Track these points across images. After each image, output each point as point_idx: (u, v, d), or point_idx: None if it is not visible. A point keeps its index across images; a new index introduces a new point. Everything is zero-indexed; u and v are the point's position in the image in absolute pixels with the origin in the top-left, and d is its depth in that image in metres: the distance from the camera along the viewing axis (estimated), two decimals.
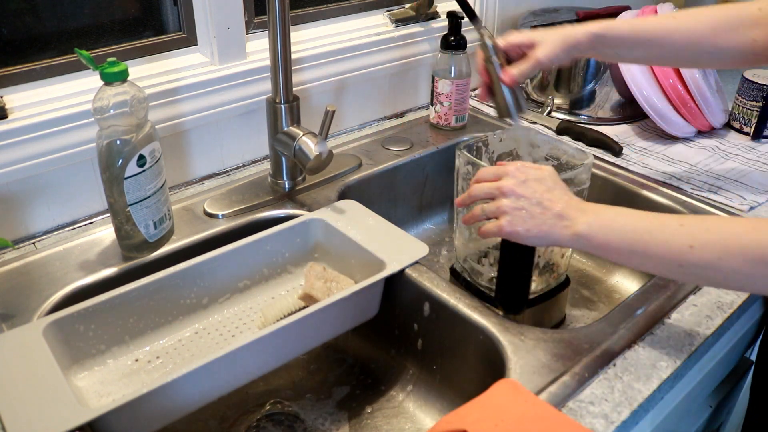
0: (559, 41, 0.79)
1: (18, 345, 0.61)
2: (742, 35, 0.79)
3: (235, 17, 0.92)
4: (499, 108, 0.83)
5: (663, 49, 0.81)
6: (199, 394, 0.63)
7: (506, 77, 0.80)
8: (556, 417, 0.55)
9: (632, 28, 0.80)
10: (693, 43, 0.80)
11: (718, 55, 0.81)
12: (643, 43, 0.80)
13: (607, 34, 0.79)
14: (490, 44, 0.81)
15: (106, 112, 0.69)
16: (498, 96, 0.83)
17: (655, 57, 0.84)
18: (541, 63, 0.79)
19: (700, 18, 0.80)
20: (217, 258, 0.75)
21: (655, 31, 0.80)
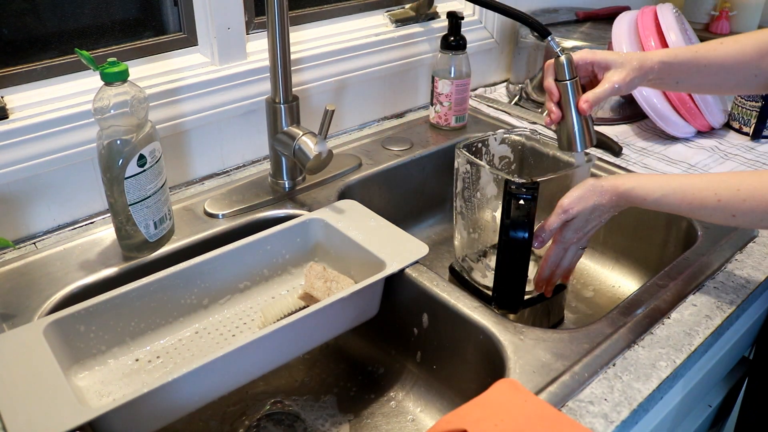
0: (636, 67, 0.75)
1: (18, 345, 0.61)
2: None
3: (236, 17, 0.93)
4: (566, 138, 0.75)
5: (716, 75, 0.80)
6: (199, 394, 0.63)
7: (584, 104, 0.73)
8: (555, 417, 0.55)
9: (693, 53, 0.79)
10: (741, 67, 0.80)
11: (760, 78, 0.80)
12: (702, 69, 0.80)
13: (674, 62, 0.78)
14: (567, 60, 0.73)
15: (107, 112, 0.69)
16: (567, 122, 0.74)
17: (707, 84, 0.83)
18: (618, 89, 0.75)
19: (745, 42, 0.80)
20: (217, 258, 0.75)
21: (711, 56, 0.79)
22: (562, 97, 0.74)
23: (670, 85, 0.82)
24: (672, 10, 1.10)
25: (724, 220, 0.67)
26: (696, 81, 0.82)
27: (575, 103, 0.74)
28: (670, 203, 0.68)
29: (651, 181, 0.70)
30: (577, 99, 0.74)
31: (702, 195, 0.67)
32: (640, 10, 1.13)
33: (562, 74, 0.73)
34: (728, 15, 1.43)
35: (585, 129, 0.75)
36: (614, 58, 0.76)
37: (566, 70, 0.73)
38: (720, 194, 0.66)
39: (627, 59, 0.76)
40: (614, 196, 0.70)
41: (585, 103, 0.74)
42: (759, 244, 0.83)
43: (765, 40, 0.80)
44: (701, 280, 0.76)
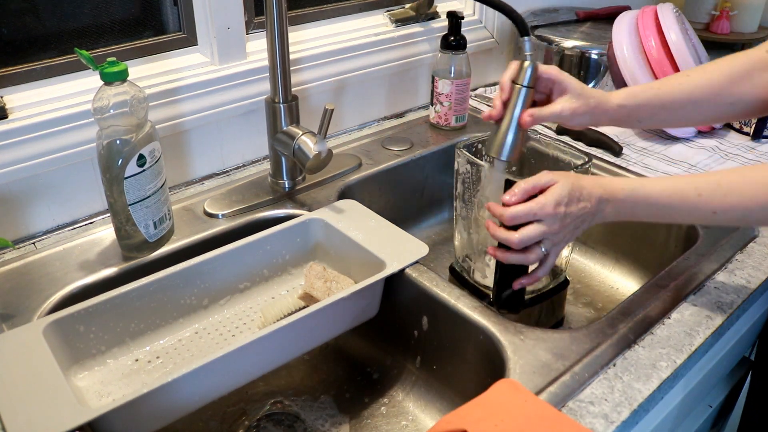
0: (591, 105, 0.75)
1: (18, 345, 0.61)
2: (758, 79, 0.77)
3: (235, 17, 0.93)
4: (496, 142, 0.73)
5: (684, 110, 0.79)
6: (199, 394, 0.63)
7: (527, 118, 0.72)
8: (556, 417, 0.55)
9: (655, 93, 0.78)
10: (714, 97, 0.78)
11: (738, 106, 0.78)
12: (665, 107, 0.78)
13: (631, 104, 0.77)
14: (530, 68, 0.71)
15: (106, 112, 0.69)
16: (503, 125, 0.73)
17: (677, 119, 0.82)
18: (562, 117, 0.74)
19: (714, 71, 0.78)
20: (217, 258, 0.75)
21: (674, 95, 0.78)
22: (511, 99, 0.73)
23: (633, 125, 0.81)
24: (672, 10, 1.10)
25: (705, 218, 0.66)
26: (661, 118, 0.80)
27: (520, 111, 0.73)
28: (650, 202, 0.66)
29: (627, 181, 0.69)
30: (522, 108, 0.73)
31: (682, 191, 0.65)
32: (641, 10, 1.13)
33: (521, 78, 0.72)
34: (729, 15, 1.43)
35: (518, 140, 0.73)
36: (575, 87, 0.74)
37: (527, 76, 0.72)
38: (700, 189, 0.64)
39: (587, 94, 0.75)
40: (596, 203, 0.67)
41: (529, 117, 0.72)
42: (759, 244, 0.83)
43: (735, 66, 0.77)
44: (702, 280, 0.76)
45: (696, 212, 0.65)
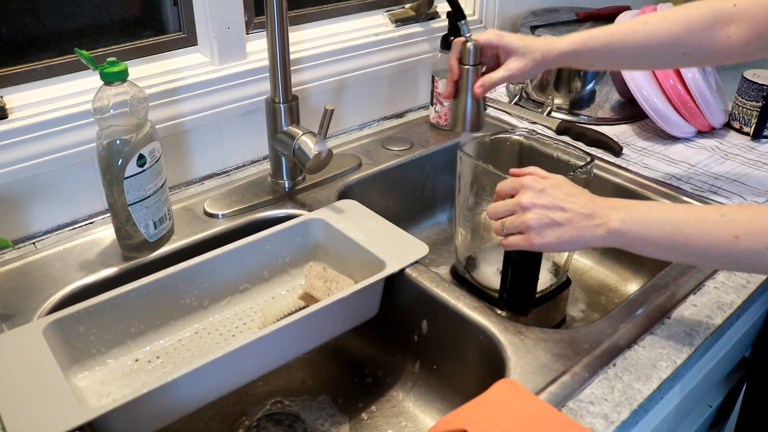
0: (537, 58, 0.78)
1: (18, 345, 0.61)
2: (718, 32, 0.77)
3: (235, 17, 0.92)
4: (458, 117, 0.80)
5: (638, 56, 0.80)
6: (199, 394, 0.63)
7: (478, 89, 0.77)
8: (556, 417, 0.55)
9: (607, 38, 0.79)
10: (667, 46, 0.79)
11: (692, 56, 0.80)
12: (617, 52, 0.80)
13: (582, 49, 0.79)
14: (471, 48, 0.78)
15: (106, 112, 0.69)
16: (460, 103, 0.79)
17: (628, 64, 0.84)
18: (514, 76, 0.78)
19: (673, 21, 0.78)
20: (217, 258, 0.75)
21: (628, 39, 0.79)
22: (461, 79, 0.79)
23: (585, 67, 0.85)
24: None
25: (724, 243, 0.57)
26: (612, 63, 0.83)
27: (471, 87, 0.79)
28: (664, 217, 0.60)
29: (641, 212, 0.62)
30: (474, 81, 0.78)
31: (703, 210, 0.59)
32: (641, 10, 1.13)
33: (466, 59, 0.79)
34: None
35: (475, 112, 0.79)
36: (518, 46, 0.78)
37: (471, 56, 0.78)
38: (724, 210, 0.58)
39: (531, 48, 0.78)
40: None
41: (479, 87, 0.77)
42: None
43: (696, 16, 0.78)
44: (702, 280, 0.76)
45: (715, 234, 0.57)
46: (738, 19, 0.77)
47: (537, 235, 0.63)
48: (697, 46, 0.78)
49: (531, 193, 0.64)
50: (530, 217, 0.63)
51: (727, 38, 0.77)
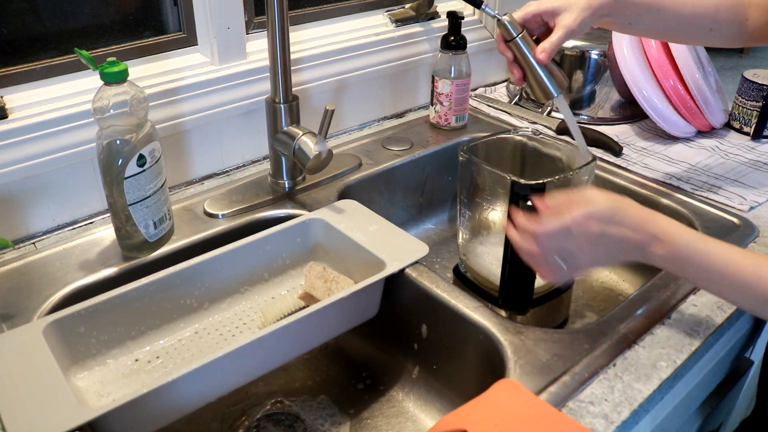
0: (584, 6, 0.75)
1: (18, 345, 0.61)
2: (739, 13, 0.81)
3: (235, 17, 0.92)
4: (539, 90, 0.77)
5: (670, 21, 0.81)
6: (198, 394, 0.63)
7: (541, 55, 0.74)
8: (556, 417, 0.55)
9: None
10: (697, 18, 0.81)
11: (717, 33, 0.82)
12: (653, 12, 0.80)
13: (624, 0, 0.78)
14: (507, 21, 0.75)
15: (106, 112, 0.69)
16: (533, 77, 0.76)
17: (661, 29, 0.83)
18: (573, 31, 0.75)
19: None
20: (217, 258, 0.75)
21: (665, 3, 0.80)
22: (518, 55, 0.76)
23: (623, 26, 0.82)
24: None
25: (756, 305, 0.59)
26: (648, 25, 0.81)
27: (532, 54, 0.76)
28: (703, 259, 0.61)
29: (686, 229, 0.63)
30: (532, 50, 0.75)
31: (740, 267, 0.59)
32: None
33: (508, 34, 0.75)
34: None
35: (552, 74, 0.76)
36: (561, 3, 0.76)
37: (510, 28, 0.75)
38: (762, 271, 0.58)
39: (574, 1, 0.76)
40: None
41: (542, 53, 0.75)
42: (760, 244, 0.83)
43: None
44: None
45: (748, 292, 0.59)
46: (756, 3, 0.81)
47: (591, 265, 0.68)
48: (723, 23, 0.81)
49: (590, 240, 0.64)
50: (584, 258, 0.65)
51: (746, 20, 0.81)
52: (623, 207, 0.64)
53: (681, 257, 0.61)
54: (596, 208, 0.63)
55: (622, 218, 0.63)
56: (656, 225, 0.62)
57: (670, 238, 0.61)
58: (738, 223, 0.86)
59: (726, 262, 0.60)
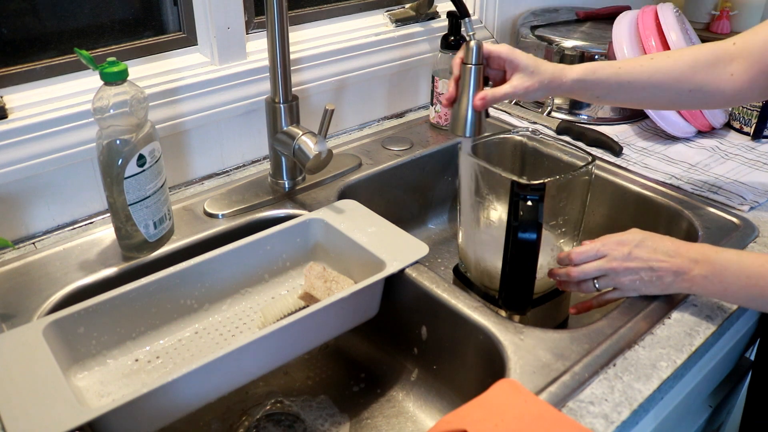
0: (545, 82, 0.76)
1: (18, 345, 0.61)
2: (721, 70, 0.79)
3: (235, 17, 0.92)
4: (457, 122, 0.77)
5: (644, 91, 0.80)
6: (198, 394, 0.63)
7: (478, 102, 0.75)
8: (556, 417, 0.55)
9: (615, 70, 0.79)
10: (674, 82, 0.79)
11: (698, 94, 0.80)
12: (624, 85, 0.79)
13: (590, 79, 0.78)
14: (475, 46, 0.75)
15: (106, 112, 0.69)
16: (460, 107, 0.76)
17: (636, 100, 0.82)
18: (517, 94, 0.76)
19: (678, 58, 0.80)
20: (217, 258, 0.75)
21: (636, 73, 0.79)
22: (462, 78, 0.76)
23: (590, 99, 0.82)
24: (672, 10, 1.10)
25: None
26: (619, 97, 0.81)
27: (473, 90, 0.76)
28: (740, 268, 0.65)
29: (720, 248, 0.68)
30: (475, 86, 0.76)
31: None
32: (641, 10, 1.13)
33: (468, 57, 0.75)
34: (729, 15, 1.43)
35: (476, 117, 0.76)
36: (527, 64, 0.76)
37: (473, 55, 0.75)
38: None
39: (540, 70, 0.76)
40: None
41: (480, 100, 0.75)
42: (759, 244, 0.83)
43: (700, 55, 0.79)
44: None
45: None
46: (738, 56, 0.78)
47: (631, 291, 0.71)
48: (702, 83, 0.79)
49: (618, 261, 0.70)
50: (623, 279, 0.70)
51: (731, 76, 0.78)
52: (655, 237, 0.70)
53: (721, 272, 0.65)
54: (627, 236, 0.71)
55: (654, 245, 0.69)
56: (691, 249, 0.68)
57: (708, 257, 0.66)
58: (738, 223, 0.86)
59: (763, 267, 0.63)
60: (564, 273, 0.75)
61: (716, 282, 0.66)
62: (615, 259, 0.70)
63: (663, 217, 0.92)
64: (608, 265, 0.70)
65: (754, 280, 0.64)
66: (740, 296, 0.66)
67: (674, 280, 0.68)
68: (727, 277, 0.65)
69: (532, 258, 0.70)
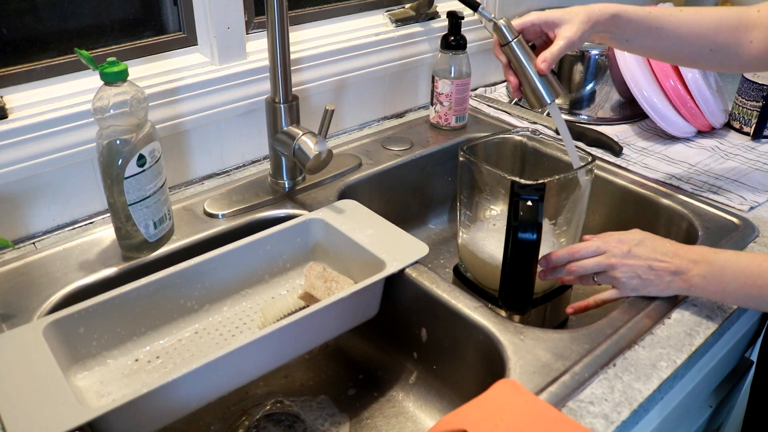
0: (584, 19, 0.76)
1: (18, 345, 0.61)
2: (742, 35, 0.79)
3: (235, 17, 0.92)
4: (532, 96, 0.76)
5: (669, 41, 0.81)
6: (199, 394, 0.63)
7: (542, 65, 0.75)
8: (556, 417, 0.55)
9: (646, 14, 0.79)
10: (697, 38, 0.80)
11: (718, 55, 0.81)
12: (653, 31, 0.80)
13: (623, 15, 0.78)
14: (503, 25, 0.74)
15: (106, 112, 0.69)
16: (528, 83, 0.75)
17: (660, 48, 0.83)
18: (574, 43, 0.75)
19: (705, 14, 0.80)
20: (217, 258, 0.75)
21: (665, 20, 0.80)
22: (512, 60, 0.76)
23: (621, 42, 0.82)
24: None
25: None
26: (647, 43, 0.81)
27: (528, 59, 0.75)
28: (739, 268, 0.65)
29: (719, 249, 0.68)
30: (527, 56, 0.75)
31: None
32: None
33: (503, 38, 0.75)
34: None
35: (548, 81, 0.76)
36: (561, 15, 0.77)
37: (507, 32, 0.75)
38: None
39: (574, 13, 0.77)
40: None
41: (543, 63, 0.75)
42: (759, 244, 0.83)
43: (725, 17, 0.79)
44: None
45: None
46: (761, 24, 0.79)
47: (629, 290, 0.71)
48: (723, 45, 0.80)
49: (617, 257, 0.71)
50: (621, 276, 0.70)
51: (750, 43, 0.79)
52: (655, 238, 0.71)
53: (719, 272, 0.66)
54: (628, 235, 0.72)
55: (653, 245, 0.69)
56: (690, 250, 0.68)
57: (706, 258, 0.67)
58: (738, 223, 0.86)
59: (761, 267, 0.64)
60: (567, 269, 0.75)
61: (714, 282, 0.66)
62: (614, 256, 0.71)
63: (663, 217, 0.92)
64: (607, 261, 0.71)
65: (752, 280, 0.64)
66: (738, 296, 0.66)
67: (672, 279, 0.68)
68: (725, 277, 0.66)
69: (532, 258, 0.70)
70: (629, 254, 0.70)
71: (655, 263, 0.69)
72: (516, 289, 0.73)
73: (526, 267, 0.71)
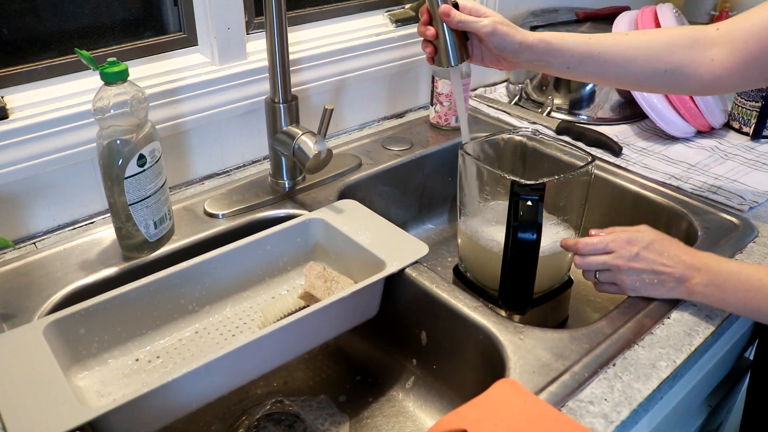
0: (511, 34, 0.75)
1: (18, 345, 0.61)
2: (700, 53, 0.76)
3: (236, 17, 0.93)
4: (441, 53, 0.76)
5: (616, 65, 0.77)
6: (199, 394, 0.63)
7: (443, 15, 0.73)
8: (555, 417, 0.55)
9: (584, 40, 0.77)
10: (647, 59, 0.77)
11: (675, 75, 0.77)
12: (594, 56, 0.77)
13: (554, 43, 0.76)
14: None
15: (107, 112, 0.69)
16: (439, 40, 0.75)
17: (607, 74, 0.79)
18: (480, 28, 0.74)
19: (656, 35, 0.78)
20: (217, 258, 0.75)
21: (608, 44, 0.77)
22: (432, 14, 0.75)
23: (562, 71, 0.79)
24: (672, 10, 1.10)
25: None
26: (590, 69, 0.78)
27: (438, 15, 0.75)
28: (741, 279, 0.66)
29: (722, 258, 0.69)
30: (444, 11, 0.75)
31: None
32: (640, 10, 1.13)
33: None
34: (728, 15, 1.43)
35: (456, 42, 0.76)
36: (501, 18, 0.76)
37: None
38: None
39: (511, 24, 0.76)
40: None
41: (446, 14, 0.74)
42: (759, 244, 0.83)
43: (679, 36, 0.77)
44: None
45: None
46: (721, 42, 0.75)
47: (630, 290, 0.72)
48: (678, 64, 0.76)
49: (624, 259, 0.70)
50: (625, 278, 0.71)
51: (711, 61, 0.75)
52: (665, 239, 0.71)
53: (721, 282, 0.66)
54: (638, 235, 0.71)
55: (662, 249, 0.69)
56: (695, 256, 0.68)
57: (709, 267, 0.67)
58: (737, 223, 0.86)
59: (761, 282, 0.64)
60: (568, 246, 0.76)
61: (715, 292, 0.67)
62: (621, 257, 0.70)
63: (662, 217, 0.92)
64: (613, 262, 0.71)
65: (752, 294, 0.64)
66: (738, 307, 0.67)
67: (675, 286, 0.69)
68: (726, 288, 0.66)
69: (532, 258, 0.70)
70: (637, 257, 0.70)
71: (660, 267, 0.69)
72: (516, 289, 0.73)
73: (526, 267, 0.71)
